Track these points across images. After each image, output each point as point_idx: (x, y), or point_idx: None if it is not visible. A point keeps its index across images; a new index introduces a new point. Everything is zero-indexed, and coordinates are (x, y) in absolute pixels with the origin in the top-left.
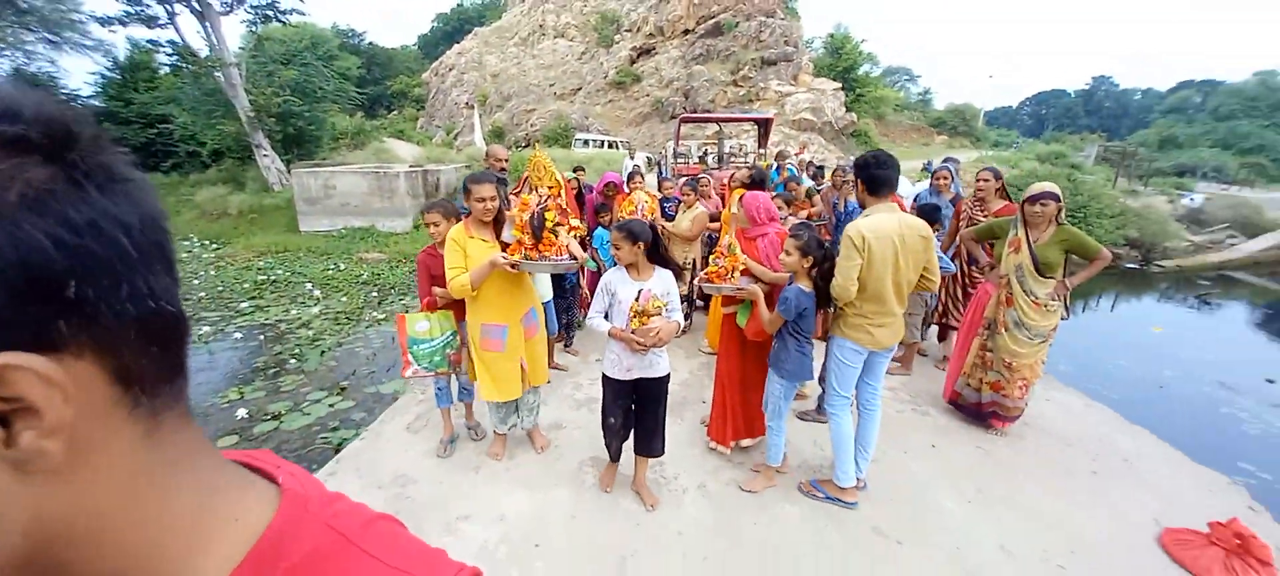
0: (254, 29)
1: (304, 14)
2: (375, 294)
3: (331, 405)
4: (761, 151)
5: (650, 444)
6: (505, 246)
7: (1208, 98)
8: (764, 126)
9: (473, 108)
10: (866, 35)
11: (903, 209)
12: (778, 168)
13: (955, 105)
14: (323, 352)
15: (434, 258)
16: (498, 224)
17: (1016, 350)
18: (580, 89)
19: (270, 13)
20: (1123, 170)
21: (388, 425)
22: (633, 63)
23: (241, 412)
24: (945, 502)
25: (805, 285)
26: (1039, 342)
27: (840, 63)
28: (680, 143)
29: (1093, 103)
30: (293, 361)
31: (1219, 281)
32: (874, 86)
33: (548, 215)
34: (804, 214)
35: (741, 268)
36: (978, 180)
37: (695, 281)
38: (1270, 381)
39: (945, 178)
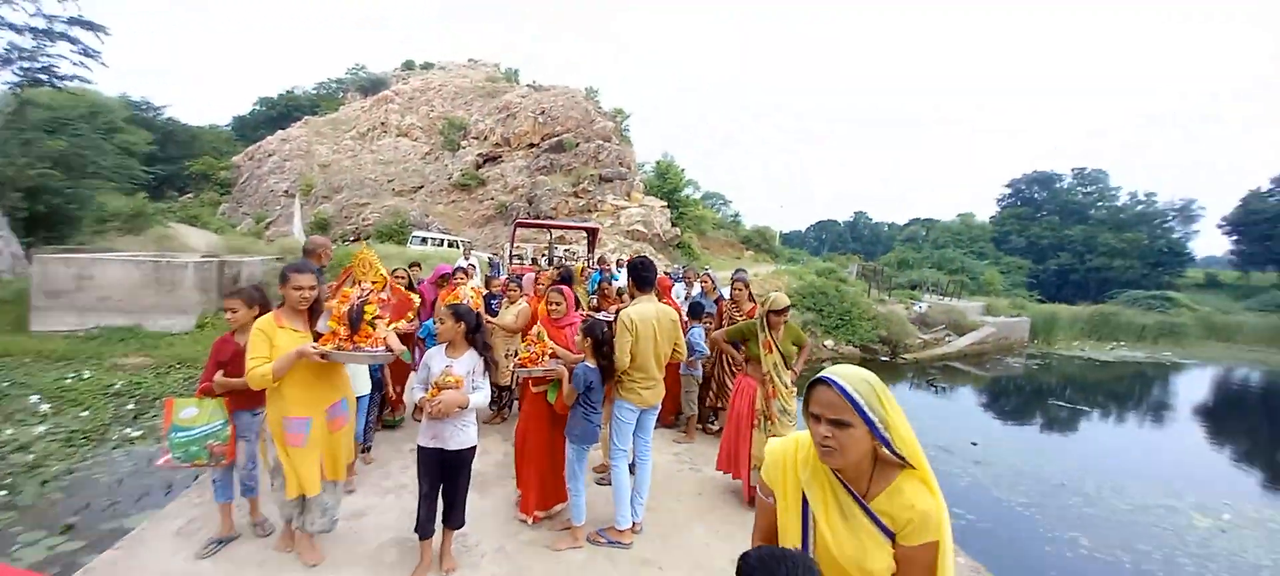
0: (16, 91)
1: (88, 82)
2: (131, 407)
3: (51, 548)
4: (589, 256)
5: (450, 515)
6: (319, 336)
7: (929, 231)
8: (592, 234)
9: (293, 196)
10: (687, 164)
11: (675, 305)
12: (600, 271)
13: (759, 226)
14: (45, 482)
15: (226, 343)
16: (313, 314)
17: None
18: (422, 187)
19: (45, 77)
20: (874, 283)
21: (151, 531)
22: (478, 167)
23: None
24: (699, 535)
25: (592, 362)
26: (792, 423)
27: (666, 184)
28: (516, 245)
29: (856, 231)
30: (1, 494)
31: (944, 370)
32: (694, 207)
33: (368, 308)
34: (614, 309)
35: (550, 352)
36: (733, 285)
37: (512, 367)
38: (974, 443)
39: (708, 281)
